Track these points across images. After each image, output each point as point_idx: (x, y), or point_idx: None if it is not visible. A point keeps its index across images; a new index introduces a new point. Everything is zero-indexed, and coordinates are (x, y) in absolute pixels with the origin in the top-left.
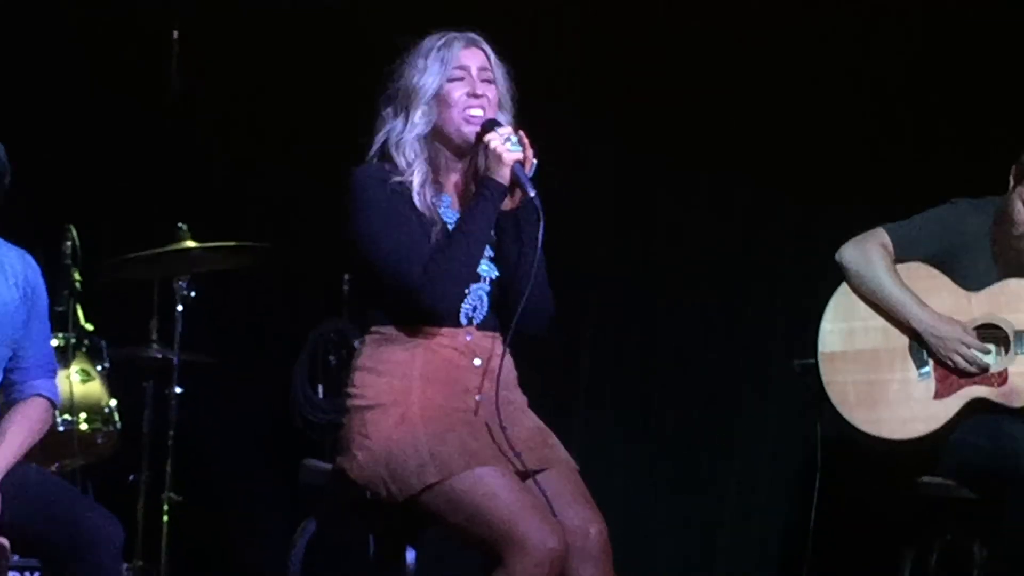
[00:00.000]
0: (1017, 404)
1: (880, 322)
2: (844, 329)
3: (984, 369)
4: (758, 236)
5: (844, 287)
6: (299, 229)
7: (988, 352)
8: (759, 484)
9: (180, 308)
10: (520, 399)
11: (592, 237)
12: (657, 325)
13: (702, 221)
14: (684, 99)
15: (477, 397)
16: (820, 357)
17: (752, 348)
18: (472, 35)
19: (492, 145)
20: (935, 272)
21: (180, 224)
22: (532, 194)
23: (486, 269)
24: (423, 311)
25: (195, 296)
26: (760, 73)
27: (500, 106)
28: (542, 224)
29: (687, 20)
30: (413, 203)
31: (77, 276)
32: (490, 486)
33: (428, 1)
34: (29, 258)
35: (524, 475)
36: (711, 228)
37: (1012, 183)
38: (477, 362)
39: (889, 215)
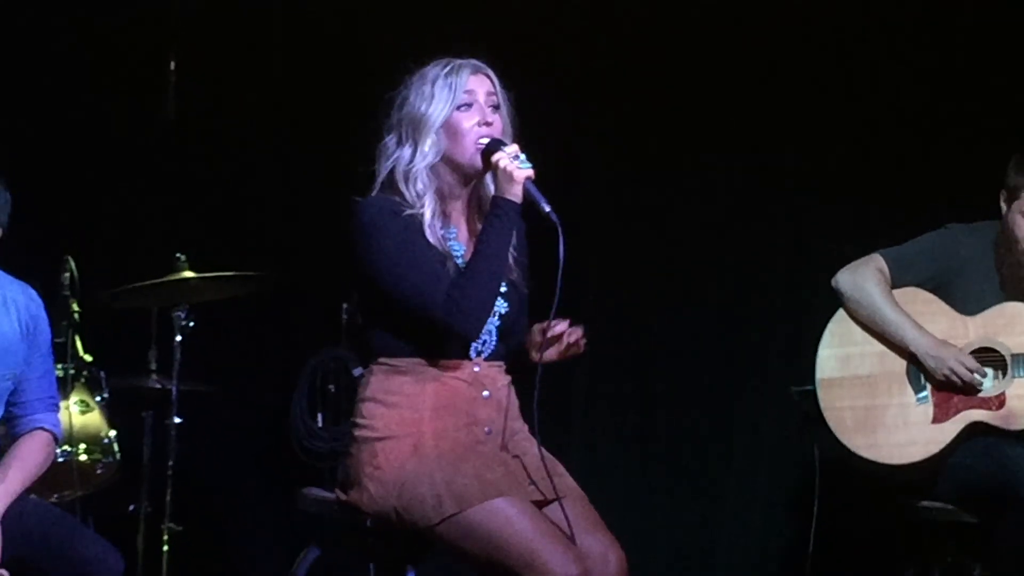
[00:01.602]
0: (1015, 427)
1: (877, 347)
2: (841, 355)
3: (979, 389)
4: (754, 257)
5: (841, 313)
6: (297, 258)
7: (985, 375)
8: (757, 507)
9: (179, 338)
10: (523, 427)
11: (585, 261)
12: (653, 346)
13: (698, 243)
14: (684, 113)
15: (487, 429)
16: (818, 383)
17: (748, 370)
18: (477, 62)
19: (502, 164)
20: (931, 297)
21: (178, 254)
22: (548, 209)
23: (496, 303)
24: (448, 338)
25: (193, 326)
26: (759, 81)
27: (503, 132)
28: (562, 238)
29: (685, 22)
30: (424, 235)
31: (75, 307)
32: (509, 515)
33: (426, 11)
34: (32, 292)
35: (539, 504)
36: (706, 251)
37: (1005, 208)
38: (486, 394)
39: (888, 238)
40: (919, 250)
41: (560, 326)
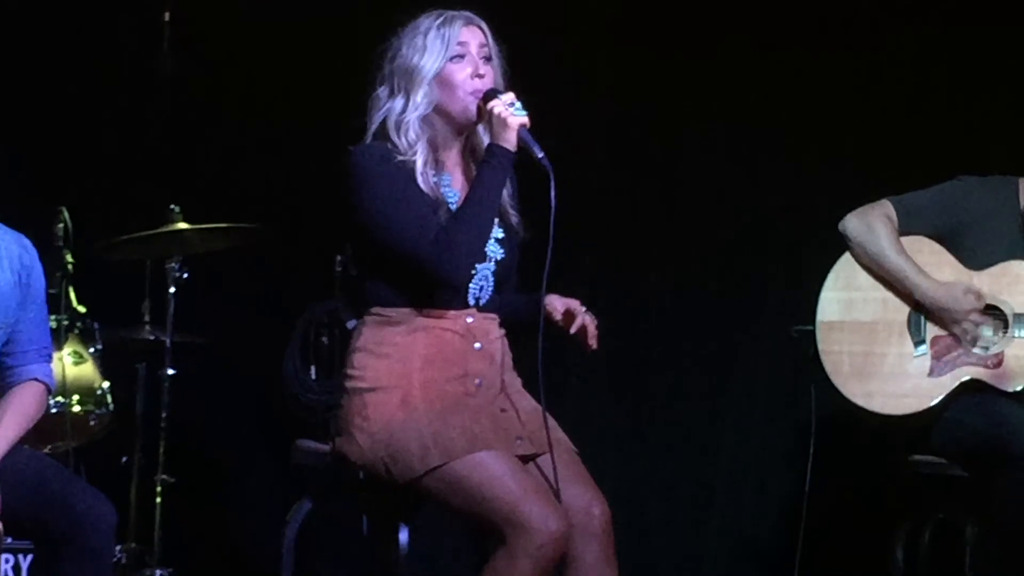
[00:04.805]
0: (1010, 387)
1: (880, 294)
2: (844, 299)
3: (981, 342)
4: (755, 199)
5: (846, 257)
6: (291, 210)
7: (992, 325)
8: (752, 457)
9: (172, 290)
10: (516, 380)
11: (582, 206)
12: (652, 292)
13: (696, 185)
14: (677, 62)
15: (477, 381)
16: (818, 325)
17: (747, 314)
18: (469, 13)
19: (497, 111)
20: (938, 248)
21: (172, 206)
22: (540, 155)
23: (492, 250)
24: (435, 282)
25: (187, 277)
26: (754, 33)
27: (495, 84)
28: (553, 183)
29: None
30: (416, 182)
31: (69, 258)
32: (492, 469)
33: None
34: (26, 242)
35: (526, 458)
36: (705, 191)
37: None
38: (477, 345)
39: (891, 183)
40: (929, 199)
41: (586, 321)
